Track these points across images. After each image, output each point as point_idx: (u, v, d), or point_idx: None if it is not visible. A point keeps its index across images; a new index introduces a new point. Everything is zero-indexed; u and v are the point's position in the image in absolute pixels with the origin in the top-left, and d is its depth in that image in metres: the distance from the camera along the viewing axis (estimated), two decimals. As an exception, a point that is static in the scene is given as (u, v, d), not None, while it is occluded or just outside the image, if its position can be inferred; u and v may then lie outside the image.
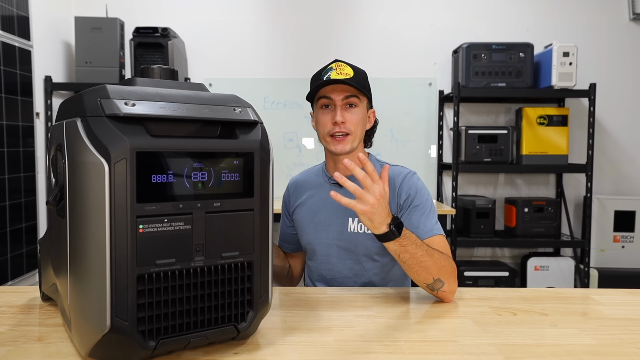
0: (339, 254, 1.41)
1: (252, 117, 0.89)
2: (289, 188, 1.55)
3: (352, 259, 1.40)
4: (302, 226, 1.47)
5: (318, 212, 1.43)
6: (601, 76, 3.33)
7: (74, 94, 0.87)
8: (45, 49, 2.94)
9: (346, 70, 1.34)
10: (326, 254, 1.42)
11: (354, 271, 1.40)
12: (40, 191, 2.76)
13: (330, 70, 1.35)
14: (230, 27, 3.39)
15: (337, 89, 1.35)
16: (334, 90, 1.35)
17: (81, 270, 0.78)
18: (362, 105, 1.38)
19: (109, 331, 0.75)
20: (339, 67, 1.35)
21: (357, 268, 1.40)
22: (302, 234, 1.47)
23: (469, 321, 1.07)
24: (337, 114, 1.33)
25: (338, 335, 0.98)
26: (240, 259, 0.86)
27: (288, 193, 1.55)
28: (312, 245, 1.44)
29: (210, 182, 0.83)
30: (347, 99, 1.35)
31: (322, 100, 1.37)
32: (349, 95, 1.35)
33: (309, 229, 1.44)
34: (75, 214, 0.79)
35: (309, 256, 1.47)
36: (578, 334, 1.00)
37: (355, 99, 1.36)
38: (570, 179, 3.43)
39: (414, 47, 3.40)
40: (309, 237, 1.44)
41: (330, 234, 1.41)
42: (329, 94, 1.35)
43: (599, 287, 3.09)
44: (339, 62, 1.38)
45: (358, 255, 1.39)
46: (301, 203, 1.48)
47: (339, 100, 1.34)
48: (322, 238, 1.42)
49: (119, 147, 0.74)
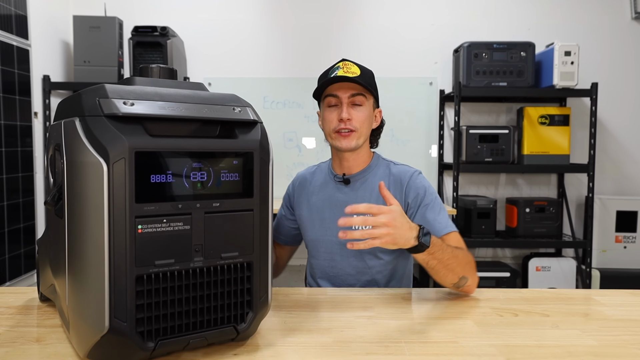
0: (342, 251, 1.41)
1: (252, 117, 0.89)
2: (295, 182, 1.57)
3: (355, 257, 1.40)
4: (306, 223, 1.48)
5: (323, 210, 1.44)
6: (603, 75, 3.33)
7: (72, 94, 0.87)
8: (44, 48, 2.94)
9: (353, 69, 1.36)
10: (330, 252, 1.43)
11: (357, 269, 1.41)
12: (38, 191, 2.76)
13: (338, 68, 1.37)
14: (229, 26, 3.39)
15: (343, 86, 1.36)
16: (340, 88, 1.36)
17: (79, 271, 0.78)
18: (368, 104, 1.39)
19: (107, 332, 0.75)
20: (346, 66, 1.37)
21: (361, 266, 1.40)
22: (305, 230, 1.48)
23: (470, 322, 1.07)
24: (343, 111, 1.35)
25: (338, 336, 0.98)
26: (239, 260, 0.86)
27: (293, 186, 1.56)
28: (315, 242, 1.45)
29: (210, 182, 0.83)
30: (354, 97, 1.36)
31: (328, 98, 1.39)
32: (355, 94, 1.36)
33: (313, 226, 1.46)
34: (73, 214, 0.79)
35: (312, 254, 1.48)
36: (580, 335, 1.00)
37: (362, 97, 1.37)
38: (571, 179, 3.43)
39: (414, 46, 3.40)
40: (313, 234, 1.45)
41: (335, 231, 1.41)
42: (335, 91, 1.37)
43: (600, 287, 3.08)
44: (346, 61, 1.39)
45: (362, 253, 1.40)
46: (306, 199, 1.49)
47: (345, 98, 1.36)
48: (326, 235, 1.43)
49: (117, 147, 0.74)
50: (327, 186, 1.47)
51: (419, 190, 1.37)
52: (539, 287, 3.15)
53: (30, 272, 2.67)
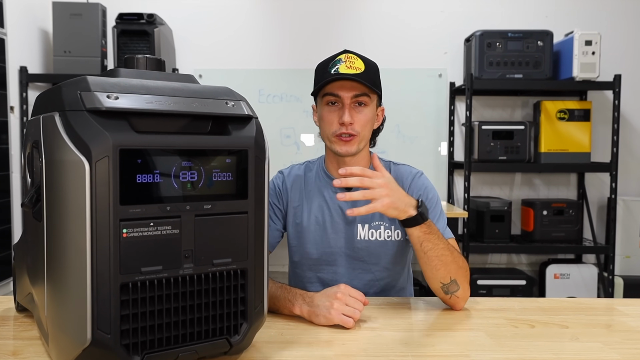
0: (348, 264, 1.40)
1: (246, 112, 0.89)
2: (287, 180, 1.48)
3: (363, 269, 1.40)
4: (301, 233, 1.43)
5: (322, 219, 1.41)
6: (627, 67, 3.33)
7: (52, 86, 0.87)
8: (21, 37, 2.94)
9: (357, 64, 1.31)
10: (332, 265, 1.41)
11: (363, 282, 1.40)
12: (14, 192, 2.76)
13: (339, 62, 1.32)
14: (222, 13, 3.39)
15: (346, 85, 1.31)
16: (342, 87, 1.31)
17: (59, 279, 0.78)
18: (372, 104, 1.36)
19: (89, 345, 0.75)
20: (348, 60, 1.32)
21: (368, 278, 1.40)
22: (302, 242, 1.43)
23: (482, 334, 1.08)
24: (345, 114, 1.31)
25: (340, 350, 0.98)
26: (233, 266, 0.87)
27: (285, 187, 1.47)
28: (315, 255, 1.41)
29: (201, 182, 0.83)
30: (357, 98, 1.32)
31: (328, 97, 1.34)
32: (358, 94, 1.32)
33: (311, 237, 1.42)
34: (52, 217, 0.79)
35: (310, 267, 1.44)
36: (602, 349, 1.00)
37: (366, 97, 1.33)
38: (593, 178, 3.43)
39: (422, 35, 3.40)
40: (312, 246, 1.42)
41: (338, 242, 1.40)
42: (337, 91, 1.32)
43: (624, 296, 3.08)
44: (348, 53, 1.34)
45: (369, 265, 1.39)
46: (301, 205, 1.44)
47: (347, 99, 1.31)
48: (327, 247, 1.40)
49: (100, 144, 0.74)
50: (324, 192, 1.43)
51: (421, 192, 1.38)
52: (557, 296, 3.15)
53: (6, 280, 2.66)
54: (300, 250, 1.45)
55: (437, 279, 1.22)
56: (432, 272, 1.22)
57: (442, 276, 1.21)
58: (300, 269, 1.46)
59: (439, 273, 1.21)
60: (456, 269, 1.21)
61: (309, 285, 1.44)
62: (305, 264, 1.45)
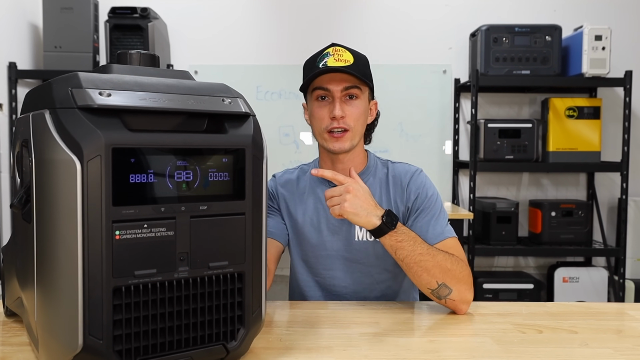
0: (345, 267, 1.40)
1: (243, 109, 0.89)
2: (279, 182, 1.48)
3: (361, 272, 1.40)
4: (298, 236, 1.44)
5: (317, 220, 1.42)
6: (638, 63, 3.32)
7: (42, 83, 0.87)
8: (9, 32, 2.94)
9: (345, 56, 1.32)
10: (330, 268, 1.41)
11: (363, 285, 1.40)
12: (3, 193, 2.76)
13: (327, 56, 1.32)
14: (218, 6, 3.39)
15: (335, 78, 1.32)
16: (331, 80, 1.32)
17: (50, 282, 0.78)
18: (363, 96, 1.36)
19: (81, 351, 0.75)
20: (336, 53, 1.33)
21: (368, 281, 1.40)
22: (298, 244, 1.45)
23: (488, 339, 1.08)
24: (335, 108, 1.31)
25: (340, 356, 0.98)
26: (229, 270, 0.87)
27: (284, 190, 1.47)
28: (312, 258, 1.42)
29: (196, 182, 0.83)
30: (347, 90, 1.33)
31: (318, 91, 1.34)
32: (349, 86, 1.33)
33: (307, 240, 1.42)
34: (43, 218, 0.79)
35: (308, 270, 1.44)
36: (612, 355, 1.00)
37: (356, 89, 1.34)
38: (603, 178, 3.43)
39: (426, 29, 3.39)
40: (308, 249, 1.42)
41: (335, 244, 1.40)
42: (326, 84, 1.33)
43: (635, 301, 3.09)
44: (336, 46, 1.35)
45: (368, 267, 1.39)
46: (296, 208, 1.45)
47: (337, 92, 1.32)
48: (323, 250, 1.41)
49: (92, 143, 0.74)
50: (319, 191, 1.42)
51: (420, 190, 1.39)
52: (566, 300, 3.15)
53: (-5, 284, 2.66)
54: (296, 254, 1.46)
55: (423, 285, 1.23)
56: (415, 278, 1.23)
57: (427, 282, 1.21)
58: (299, 272, 1.47)
59: (423, 279, 1.21)
60: (442, 272, 1.20)
61: (307, 290, 1.45)
62: (303, 268, 1.45)
